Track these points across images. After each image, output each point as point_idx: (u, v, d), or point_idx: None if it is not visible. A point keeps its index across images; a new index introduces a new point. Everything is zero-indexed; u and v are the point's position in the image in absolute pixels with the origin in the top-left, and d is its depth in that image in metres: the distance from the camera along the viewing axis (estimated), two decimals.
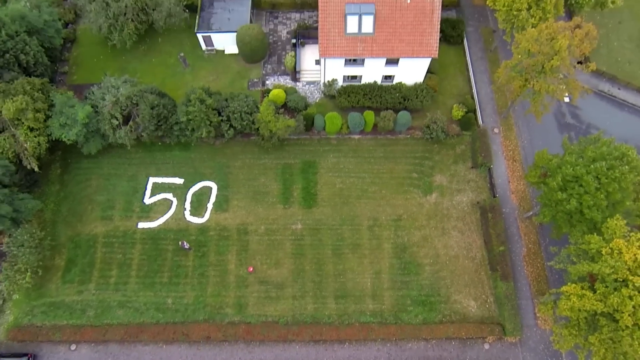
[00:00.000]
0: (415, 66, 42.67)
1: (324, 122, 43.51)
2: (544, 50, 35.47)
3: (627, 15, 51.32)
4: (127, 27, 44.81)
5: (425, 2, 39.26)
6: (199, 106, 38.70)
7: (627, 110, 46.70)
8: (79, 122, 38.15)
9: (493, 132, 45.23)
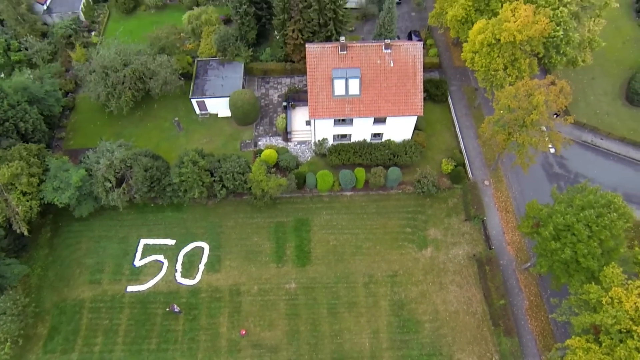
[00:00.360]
0: (403, 124, 44.89)
1: (315, 180, 44.80)
2: (522, 105, 37.81)
3: (599, 71, 55.09)
4: (125, 94, 47.52)
5: (408, 65, 42.25)
6: (191, 167, 40.06)
7: (613, 158, 48.55)
8: (72, 186, 39.26)
9: (484, 185, 46.53)
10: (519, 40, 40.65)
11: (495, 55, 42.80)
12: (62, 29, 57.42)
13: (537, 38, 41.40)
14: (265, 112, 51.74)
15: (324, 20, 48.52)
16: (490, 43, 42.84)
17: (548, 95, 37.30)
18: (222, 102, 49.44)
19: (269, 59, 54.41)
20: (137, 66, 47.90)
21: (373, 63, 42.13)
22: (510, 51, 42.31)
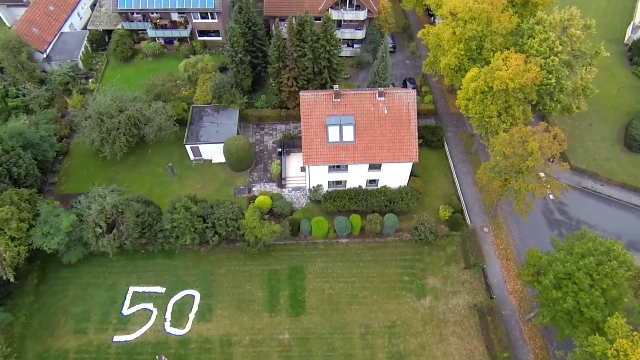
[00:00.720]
0: (398, 170, 46.71)
1: (310, 227, 46.02)
2: (517, 152, 39.68)
3: (596, 118, 57.73)
4: (119, 140, 49.67)
5: (402, 112, 44.70)
6: (183, 213, 41.42)
7: (615, 205, 49.94)
8: (62, 231, 40.38)
9: (483, 232, 47.69)
10: (511, 88, 43.32)
11: (489, 102, 45.35)
12: (60, 76, 60.65)
13: (529, 86, 44.13)
14: (260, 158, 53.79)
15: (319, 68, 51.68)
16: (483, 91, 45.48)
17: (542, 141, 39.40)
18: (216, 148, 51.55)
19: (264, 106, 57.21)
20: (133, 112, 50.31)
21: (367, 110, 44.59)
22: (504, 98, 44.92)
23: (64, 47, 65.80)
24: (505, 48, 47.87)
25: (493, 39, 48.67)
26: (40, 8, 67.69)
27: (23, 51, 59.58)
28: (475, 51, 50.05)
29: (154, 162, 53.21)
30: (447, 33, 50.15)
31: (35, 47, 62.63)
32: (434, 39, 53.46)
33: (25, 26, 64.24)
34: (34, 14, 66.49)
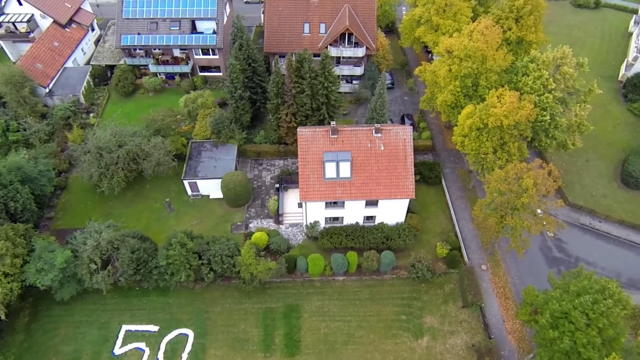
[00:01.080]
0: (395, 207, 47.08)
1: (306, 264, 46.05)
2: (513, 189, 40.24)
3: (592, 154, 58.56)
4: (117, 175, 50.34)
5: (399, 149, 45.43)
6: (179, 250, 41.57)
7: (613, 242, 50.03)
8: (56, 267, 40.48)
9: (481, 269, 47.59)
10: (506, 125, 44.24)
11: (484, 139, 46.19)
12: (61, 110, 61.99)
13: (523, 123, 45.02)
14: (258, 194, 54.30)
15: (317, 104, 52.86)
16: (478, 127, 46.45)
17: (537, 178, 39.86)
18: (214, 184, 52.13)
19: (263, 141, 58.18)
20: (132, 147, 51.21)
21: (364, 146, 45.36)
22: (499, 135, 45.77)
23: (66, 82, 67.43)
24: (500, 85, 49.14)
25: (488, 76, 50.05)
26: (45, 44, 69.72)
27: (26, 86, 61.06)
28: (471, 88, 51.31)
29: (152, 198, 53.69)
30: (444, 70, 51.52)
31: (38, 82, 64.24)
32: (430, 76, 54.88)
33: (30, 61, 66.00)
34: (39, 49, 68.42)
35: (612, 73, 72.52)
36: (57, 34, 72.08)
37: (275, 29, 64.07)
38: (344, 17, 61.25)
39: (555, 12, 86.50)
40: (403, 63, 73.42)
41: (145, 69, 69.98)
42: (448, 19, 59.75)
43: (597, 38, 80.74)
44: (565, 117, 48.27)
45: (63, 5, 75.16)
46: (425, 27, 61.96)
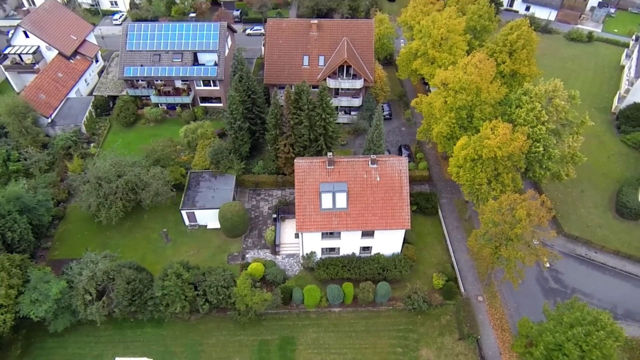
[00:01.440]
0: (391, 237, 47.24)
1: (302, 295, 45.89)
2: (506, 219, 40.54)
3: (587, 184, 59.05)
4: (115, 205, 50.68)
5: (394, 180, 45.93)
6: (174, 280, 41.56)
7: (609, 273, 49.92)
8: (51, 298, 40.37)
9: (477, 301, 47.35)
10: (499, 156, 44.88)
11: (479, 170, 46.76)
12: (62, 140, 62.87)
13: (517, 154, 45.67)
14: (255, 224, 54.51)
15: (315, 135, 53.69)
16: (473, 158, 47.10)
17: (530, 209, 40.19)
18: (211, 214, 52.43)
19: (261, 172, 58.77)
20: (131, 177, 51.66)
21: (360, 177, 45.87)
22: (493, 166, 46.35)
23: (69, 112, 68.62)
24: (495, 117, 49.96)
25: (482, 108, 50.99)
26: (50, 75, 71.29)
27: (29, 116, 62.12)
28: (466, 120, 52.22)
29: (149, 228, 53.91)
30: (439, 102, 52.53)
31: (41, 113, 65.41)
32: (426, 108, 55.90)
33: (33, 92, 67.37)
34: (43, 80, 69.92)
35: (605, 105, 73.80)
36: (61, 65, 73.75)
37: (275, 61, 65.58)
38: (342, 50, 62.83)
39: (550, 45, 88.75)
40: (401, 94, 74.75)
41: (147, 100, 71.32)
42: (444, 52, 61.26)
43: (590, 71, 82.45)
44: (559, 149, 48.96)
45: (69, 37, 77.20)
46: (422, 59, 63.49)
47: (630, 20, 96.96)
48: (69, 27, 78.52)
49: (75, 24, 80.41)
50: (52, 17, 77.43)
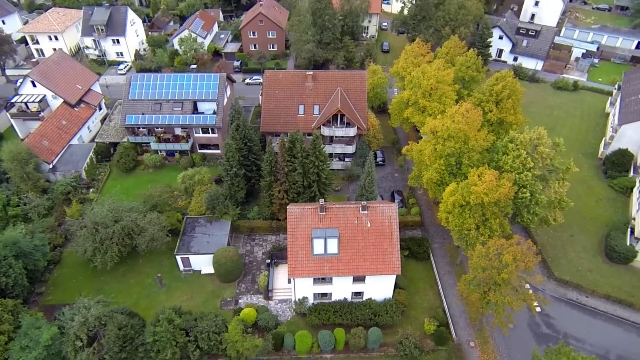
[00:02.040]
0: (382, 283, 47.50)
1: (294, 341, 45.64)
2: (493, 264, 41.07)
3: (577, 229, 59.79)
4: (111, 250, 51.22)
5: (385, 226, 46.74)
6: (166, 326, 41.51)
7: (601, 317, 49.77)
8: (41, 344, 40.19)
9: (469, 346, 47.00)
10: (486, 202, 45.94)
11: (467, 215, 47.68)
12: (62, 186, 64.05)
13: (503, 200, 46.74)
14: (249, 270, 54.80)
15: (308, 182, 54.93)
16: (461, 204, 48.14)
17: (516, 254, 40.78)
18: (206, 259, 52.85)
19: (256, 217, 59.64)
20: (127, 223, 52.45)
21: (351, 223, 46.68)
22: (480, 212, 47.28)
23: (70, 159, 70.18)
24: (483, 164, 51.38)
25: (470, 155, 52.52)
26: (54, 122, 73.46)
27: (31, 162, 63.46)
28: (455, 166, 53.65)
29: (144, 273, 54.19)
30: (429, 149, 54.12)
31: (43, 159, 66.91)
32: (417, 155, 57.48)
33: (37, 139, 69.20)
34: (47, 127, 71.95)
35: (592, 151, 75.64)
36: (65, 113, 76.13)
37: (271, 110, 67.85)
38: (336, 99, 65.17)
39: (538, 93, 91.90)
40: (394, 141, 76.74)
41: (147, 146, 73.13)
42: (434, 101, 63.63)
43: (577, 118, 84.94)
44: (545, 194, 50.08)
45: (74, 87, 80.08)
46: (413, 108, 65.81)
47: (614, 69, 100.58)
48: (75, 77, 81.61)
49: (82, 74, 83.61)
50: (59, 68, 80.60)
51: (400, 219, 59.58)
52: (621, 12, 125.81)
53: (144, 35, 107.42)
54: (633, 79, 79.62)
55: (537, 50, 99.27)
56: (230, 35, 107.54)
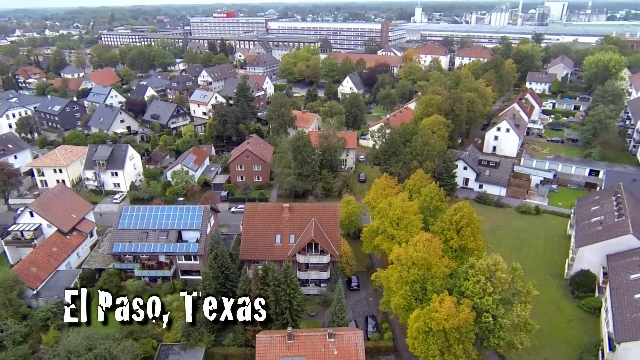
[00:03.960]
0: None
1: None
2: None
3: (550, 352, 59.28)
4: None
5: (351, 353, 46.76)
6: None
7: None
8: None
9: None
10: (448, 328, 46.64)
11: (431, 342, 47.97)
12: (42, 312, 63.63)
13: (464, 325, 47.47)
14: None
15: (281, 309, 55.61)
16: (425, 330, 48.69)
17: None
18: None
19: (231, 344, 58.82)
20: (101, 351, 51.52)
21: (318, 351, 46.65)
22: (443, 338, 47.70)
23: (55, 285, 70.56)
24: (446, 289, 52.89)
25: (434, 281, 54.31)
26: (45, 250, 75.45)
27: (15, 289, 63.82)
28: (420, 292, 55.04)
29: None
30: (395, 276, 56.09)
31: (28, 285, 67.35)
32: (385, 281, 59.09)
33: (26, 266, 70.54)
34: (37, 255, 73.72)
35: (558, 271, 77.38)
36: (57, 241, 78.34)
37: (250, 239, 70.64)
38: (310, 229, 68.45)
39: (504, 218, 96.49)
40: (368, 266, 78.38)
41: (131, 272, 74.17)
42: (401, 229, 67.14)
43: (541, 240, 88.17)
44: (508, 318, 50.85)
45: (69, 216, 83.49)
46: (383, 236, 69.00)
47: (572, 194, 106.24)
48: (71, 207, 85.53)
49: (78, 204, 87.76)
50: (58, 199, 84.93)
51: (373, 345, 59.33)
52: (572, 144, 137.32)
53: (141, 168, 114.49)
54: (585, 204, 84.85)
55: (499, 179, 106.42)
56: (219, 167, 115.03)
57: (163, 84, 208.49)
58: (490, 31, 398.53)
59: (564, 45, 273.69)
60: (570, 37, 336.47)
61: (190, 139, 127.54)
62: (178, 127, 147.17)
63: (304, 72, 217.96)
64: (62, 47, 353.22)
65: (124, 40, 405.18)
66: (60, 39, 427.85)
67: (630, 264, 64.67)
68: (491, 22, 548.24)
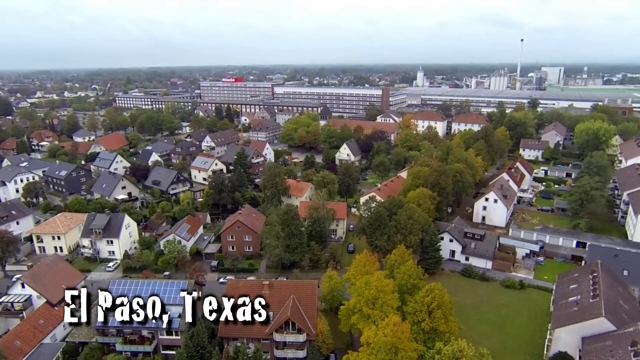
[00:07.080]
0: None
1: None
2: None
3: None
4: None
5: None
6: None
7: None
8: None
9: None
10: None
11: None
12: None
13: None
14: None
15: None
16: None
17: None
18: None
19: None
20: None
21: None
22: None
23: (37, 359, 71.21)
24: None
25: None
26: (32, 322, 76.70)
27: None
28: None
29: None
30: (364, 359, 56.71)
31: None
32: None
33: (11, 339, 71.64)
34: (24, 327, 75.01)
35: (539, 351, 76.02)
36: (45, 313, 79.79)
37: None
38: (287, 307, 69.74)
39: (487, 292, 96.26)
40: (348, 343, 78.17)
41: (113, 347, 74.96)
42: (377, 309, 68.18)
43: (524, 317, 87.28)
44: None
45: (59, 287, 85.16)
46: (359, 315, 69.95)
47: (558, 267, 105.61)
48: (62, 278, 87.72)
49: (70, 274, 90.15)
50: (50, 270, 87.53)
51: None
52: (562, 213, 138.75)
53: (136, 236, 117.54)
54: (564, 282, 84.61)
55: (485, 252, 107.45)
56: (212, 236, 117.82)
57: (168, 149, 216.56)
58: (488, 96, 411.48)
59: (557, 111, 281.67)
60: (566, 102, 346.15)
61: (187, 207, 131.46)
62: (178, 193, 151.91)
63: (304, 137, 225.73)
64: (78, 110, 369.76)
65: (137, 103, 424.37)
66: (77, 101, 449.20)
67: (603, 349, 64.43)
68: (491, 86, 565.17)
